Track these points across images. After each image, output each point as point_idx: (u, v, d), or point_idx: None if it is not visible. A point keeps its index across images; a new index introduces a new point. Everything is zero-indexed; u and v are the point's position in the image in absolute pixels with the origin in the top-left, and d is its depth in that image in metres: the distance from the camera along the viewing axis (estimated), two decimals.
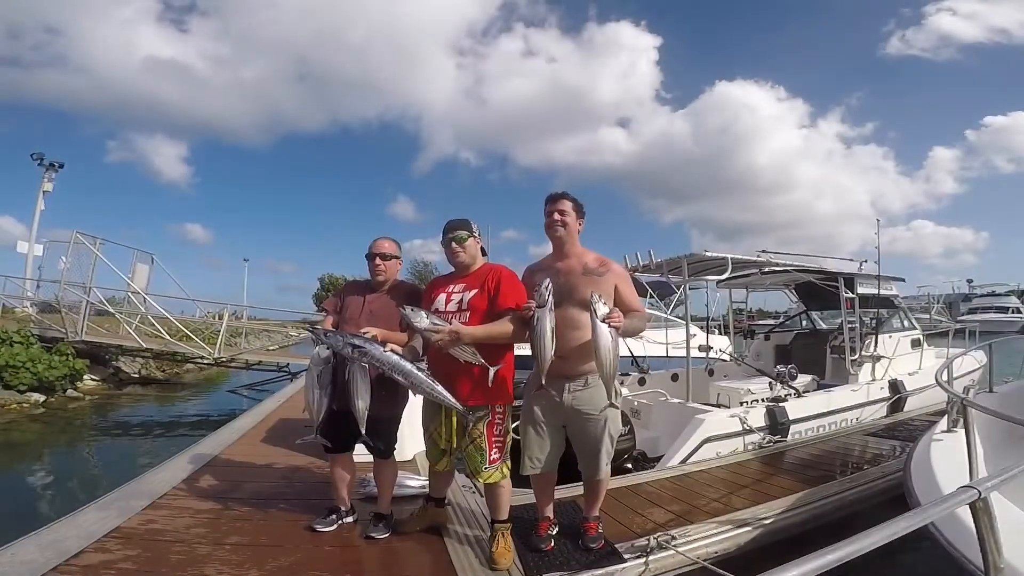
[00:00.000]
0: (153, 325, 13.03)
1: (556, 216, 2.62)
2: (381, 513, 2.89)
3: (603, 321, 2.36)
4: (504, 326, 2.45)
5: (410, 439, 4.35)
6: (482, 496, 3.35)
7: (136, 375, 13.71)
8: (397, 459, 3.04)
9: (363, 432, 2.58)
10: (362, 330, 2.57)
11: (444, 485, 2.96)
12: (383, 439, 2.82)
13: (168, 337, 12.59)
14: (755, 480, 4.02)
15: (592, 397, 2.56)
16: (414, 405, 2.87)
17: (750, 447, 4.91)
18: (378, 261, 2.86)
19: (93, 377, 12.08)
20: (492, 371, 2.44)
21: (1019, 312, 36.44)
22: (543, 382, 2.45)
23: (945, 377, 3.59)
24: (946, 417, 3.58)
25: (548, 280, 2.43)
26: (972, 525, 1.37)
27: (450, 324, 2.41)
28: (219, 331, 12.98)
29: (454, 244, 2.62)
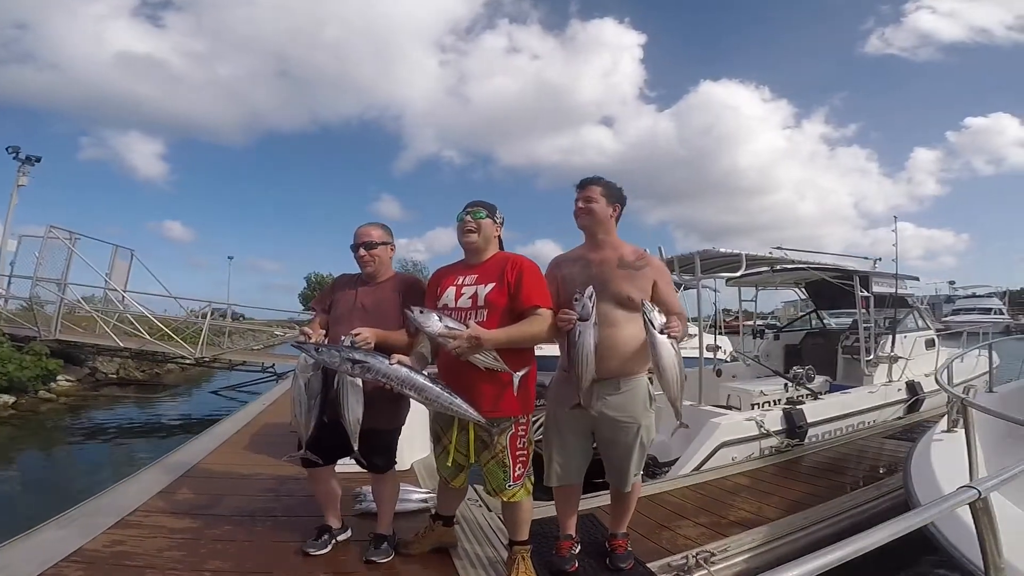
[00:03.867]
0: (132, 324, 12.50)
1: (580, 204, 2.32)
2: (382, 533, 2.54)
3: (661, 332, 2.06)
4: (530, 327, 2.13)
5: (408, 447, 4.02)
6: (490, 510, 3.06)
7: (114, 375, 13.21)
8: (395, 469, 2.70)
9: (356, 448, 2.23)
10: (352, 331, 2.21)
11: (456, 502, 2.63)
12: (382, 454, 2.47)
13: (148, 337, 12.07)
14: (781, 487, 3.76)
15: (625, 403, 2.26)
16: (412, 408, 2.52)
17: (766, 451, 4.66)
18: (362, 252, 2.46)
19: (68, 378, 11.56)
20: (517, 377, 2.12)
21: (1001, 313, 36.95)
22: (580, 401, 2.15)
23: (945, 377, 3.53)
24: (946, 417, 3.51)
25: (591, 289, 2.12)
26: (972, 525, 1.36)
27: (467, 327, 2.06)
28: (201, 330, 12.48)
29: (468, 218, 2.26)
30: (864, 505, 3.35)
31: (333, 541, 2.56)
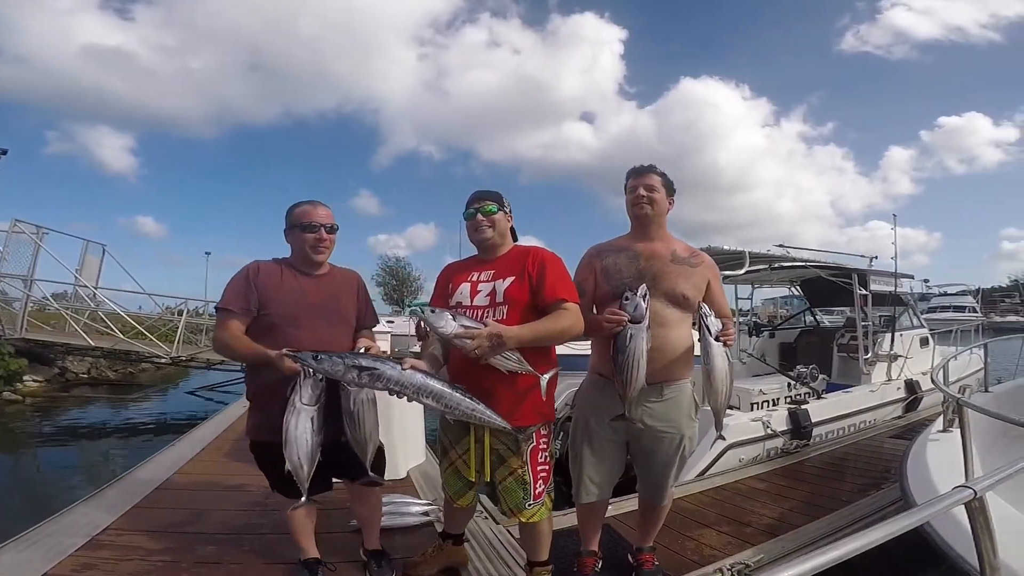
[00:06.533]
0: (104, 322, 11.98)
1: (643, 192, 2.09)
2: (379, 550, 2.31)
3: (717, 339, 1.95)
4: (557, 323, 1.89)
5: (403, 454, 3.79)
6: (497, 522, 2.85)
7: (85, 375, 12.69)
8: (389, 476, 2.46)
9: (370, 473, 1.99)
10: (358, 346, 1.94)
11: (465, 520, 2.40)
12: (379, 465, 2.18)
13: (120, 335, 11.57)
14: (797, 490, 3.64)
15: (668, 411, 2.06)
16: (405, 409, 2.26)
17: (771, 452, 4.53)
18: (323, 235, 2.08)
19: (35, 378, 11.07)
20: (544, 380, 1.89)
21: (975, 311, 37.76)
22: (626, 412, 1.94)
23: (941, 377, 3.48)
24: (942, 417, 3.44)
25: (644, 287, 1.91)
26: (967, 525, 1.36)
27: (485, 325, 1.82)
28: (177, 328, 12.01)
29: (480, 216, 2.03)
30: (891, 506, 3.21)
31: (323, 569, 2.27)
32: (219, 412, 6.29)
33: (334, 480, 2.18)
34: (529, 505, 1.97)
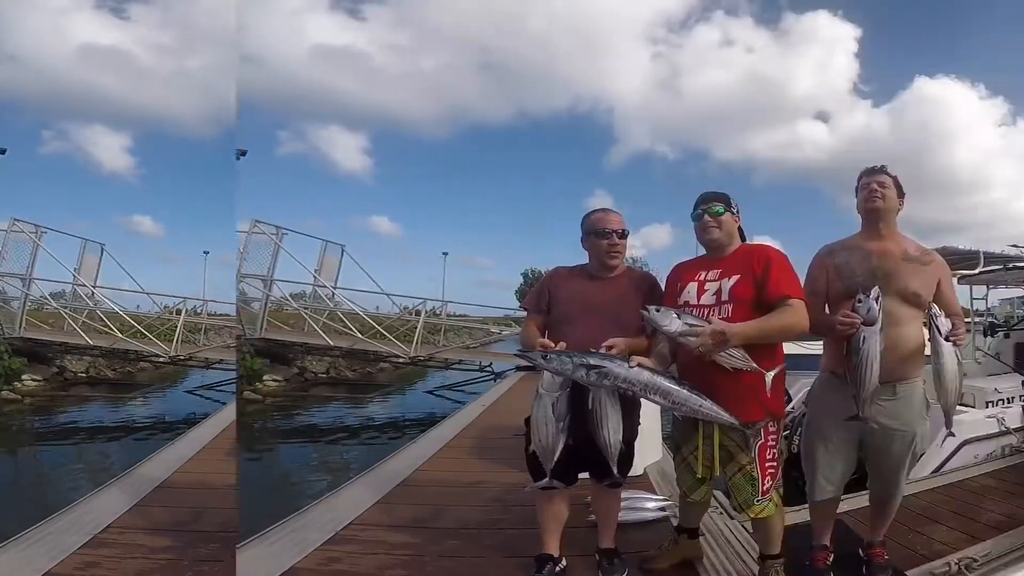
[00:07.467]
0: (103, 321, 12.01)
1: (875, 187, 2.14)
2: (614, 548, 2.32)
3: (947, 339, 2.00)
4: (781, 319, 1.94)
5: (640, 451, 3.73)
6: (732, 518, 2.79)
7: (84, 374, 12.71)
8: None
9: (615, 472, 2.03)
10: (605, 343, 1.96)
11: (699, 515, 2.43)
12: (624, 466, 2.20)
13: (119, 334, 11.59)
14: None
15: (900, 409, 2.10)
16: (644, 408, 2.25)
17: (1006, 449, 4.55)
18: (616, 240, 2.18)
19: (34, 377, 11.12)
20: (769, 376, 1.94)
21: None
22: (859, 412, 1.98)
23: None
24: None
25: (877, 289, 1.94)
26: None
27: (709, 322, 1.87)
28: (175, 327, 12.05)
29: (707, 217, 2.08)
30: None
31: (556, 570, 2.27)
32: (219, 411, 6.34)
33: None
34: (757, 501, 2.01)
